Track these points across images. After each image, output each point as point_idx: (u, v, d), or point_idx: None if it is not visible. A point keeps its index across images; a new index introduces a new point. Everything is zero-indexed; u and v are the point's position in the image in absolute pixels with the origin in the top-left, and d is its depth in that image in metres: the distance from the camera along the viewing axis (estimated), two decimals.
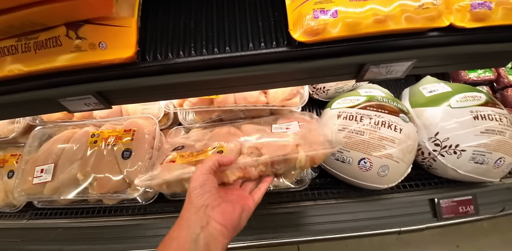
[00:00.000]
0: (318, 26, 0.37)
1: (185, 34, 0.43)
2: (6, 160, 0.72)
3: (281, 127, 0.55)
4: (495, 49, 0.43)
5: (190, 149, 0.53)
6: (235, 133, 0.57)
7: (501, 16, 0.39)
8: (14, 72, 0.43)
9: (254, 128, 0.59)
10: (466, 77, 0.78)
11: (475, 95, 0.56)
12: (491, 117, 0.53)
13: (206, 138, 0.58)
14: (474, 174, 0.54)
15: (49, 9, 0.38)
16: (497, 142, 0.51)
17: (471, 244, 1.19)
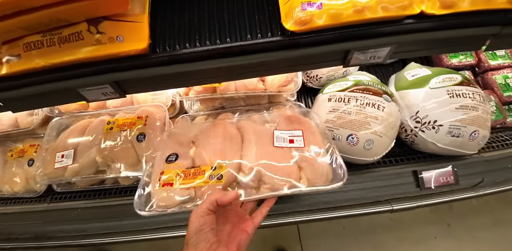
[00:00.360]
0: (305, 17, 0.43)
1: (190, 28, 0.49)
2: (25, 150, 0.78)
3: (284, 138, 0.52)
4: (465, 34, 0.49)
5: (185, 159, 0.50)
6: (231, 136, 0.54)
7: (468, 3, 0.45)
8: (40, 64, 0.48)
9: (254, 130, 0.55)
10: (449, 62, 0.84)
11: (452, 77, 0.63)
12: (465, 95, 0.59)
13: (201, 140, 0.54)
14: (452, 146, 0.61)
15: (74, 7, 0.43)
16: (471, 117, 0.58)
17: (461, 223, 1.26)
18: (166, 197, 0.44)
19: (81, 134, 0.66)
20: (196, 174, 0.46)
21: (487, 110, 0.59)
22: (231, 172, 0.46)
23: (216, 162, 0.47)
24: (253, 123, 0.58)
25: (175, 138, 0.56)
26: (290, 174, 0.45)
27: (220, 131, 0.55)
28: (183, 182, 0.45)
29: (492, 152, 0.71)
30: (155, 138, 0.62)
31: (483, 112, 0.58)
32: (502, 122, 0.79)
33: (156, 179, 0.47)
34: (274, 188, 0.45)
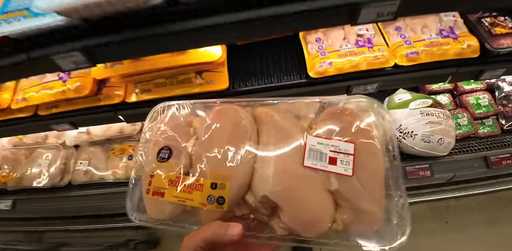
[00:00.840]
0: (322, 70, 0.74)
1: (248, 73, 0.83)
2: (125, 149, 1.13)
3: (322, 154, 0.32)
4: (430, 74, 0.79)
5: (180, 158, 0.36)
6: (243, 134, 0.35)
7: (427, 57, 0.75)
8: (164, 95, 0.83)
9: (277, 133, 0.35)
10: (430, 88, 1.11)
11: (425, 101, 0.90)
12: (433, 114, 0.86)
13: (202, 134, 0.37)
14: (426, 149, 0.87)
15: (191, 68, 0.78)
16: (436, 129, 0.84)
17: (458, 220, 1.44)
18: (158, 210, 0.35)
19: None
20: (193, 187, 0.34)
21: (449, 124, 0.86)
22: (237, 195, 0.33)
23: (218, 173, 0.33)
24: (279, 118, 0.36)
25: (173, 121, 0.40)
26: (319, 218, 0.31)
27: (227, 124, 0.36)
28: (176, 195, 0.34)
29: (462, 155, 0.95)
30: None
31: (446, 126, 0.85)
32: (474, 133, 1.03)
33: (146, 183, 0.36)
34: (292, 231, 0.32)
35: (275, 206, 0.32)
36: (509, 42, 0.75)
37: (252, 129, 0.36)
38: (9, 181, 1.21)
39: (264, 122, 0.36)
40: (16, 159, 1.25)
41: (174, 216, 0.36)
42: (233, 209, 0.34)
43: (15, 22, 0.45)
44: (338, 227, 0.31)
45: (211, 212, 0.33)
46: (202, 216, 0.34)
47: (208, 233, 0.29)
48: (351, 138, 0.32)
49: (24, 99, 0.89)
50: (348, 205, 0.31)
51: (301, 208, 0.31)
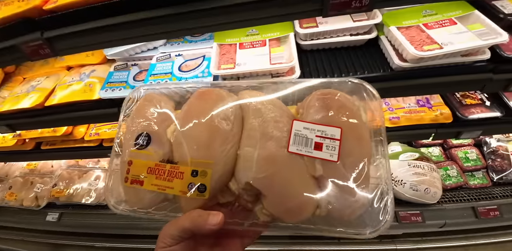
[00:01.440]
0: None
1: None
2: None
3: (308, 139, 0.31)
4: (412, 133, 0.98)
5: (159, 145, 0.35)
6: (225, 120, 0.34)
7: (406, 121, 0.95)
8: None
9: (260, 111, 0.34)
10: (422, 142, 1.28)
11: (413, 154, 1.07)
12: (418, 166, 1.02)
13: (181, 119, 0.35)
14: (415, 196, 1.01)
15: None
16: (422, 179, 1.00)
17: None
18: (137, 199, 0.34)
19: None
20: (173, 174, 0.33)
21: (434, 176, 1.01)
22: (219, 182, 0.32)
23: (199, 161, 0.32)
24: (265, 102, 0.35)
25: (152, 106, 0.38)
26: (303, 204, 0.30)
27: (208, 108, 0.34)
28: (155, 183, 0.33)
29: (451, 204, 1.06)
30: None
31: (430, 177, 1.00)
32: (463, 184, 1.15)
33: (124, 171, 0.35)
34: (274, 217, 0.32)
35: (259, 193, 0.32)
36: (478, 111, 0.95)
37: (236, 113, 0.35)
38: (61, 197, 1.45)
39: (249, 106, 0.35)
40: (70, 178, 1.52)
41: (154, 204, 0.34)
42: (217, 196, 0.34)
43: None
44: (321, 213, 0.30)
45: (192, 200, 0.32)
46: (183, 204, 0.33)
47: (187, 222, 0.29)
48: (339, 122, 0.31)
49: (97, 134, 1.18)
50: (334, 191, 0.29)
51: (285, 194, 0.30)
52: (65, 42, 0.59)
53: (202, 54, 0.70)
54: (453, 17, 0.66)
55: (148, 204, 0.34)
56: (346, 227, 0.30)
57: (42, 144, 1.24)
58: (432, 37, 0.61)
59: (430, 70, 0.64)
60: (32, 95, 0.88)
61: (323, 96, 0.33)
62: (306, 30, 0.65)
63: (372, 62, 0.70)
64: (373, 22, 0.65)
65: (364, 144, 0.31)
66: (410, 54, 0.58)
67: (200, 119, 0.34)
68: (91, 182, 1.43)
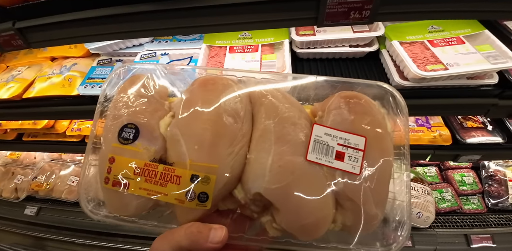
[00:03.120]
0: None
1: None
2: None
3: (329, 147, 0.27)
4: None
5: (150, 140, 0.28)
6: (235, 113, 0.28)
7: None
8: None
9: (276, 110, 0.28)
10: (419, 161, 1.23)
11: None
12: (412, 188, 0.97)
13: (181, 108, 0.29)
14: None
15: None
16: (415, 202, 0.94)
17: None
18: (120, 204, 0.28)
19: None
20: (167, 178, 0.27)
21: (427, 200, 0.96)
22: (223, 190, 0.27)
23: (199, 166, 0.26)
24: (280, 98, 0.30)
25: (141, 90, 0.30)
26: (320, 220, 0.26)
27: (213, 99, 0.28)
28: (144, 186, 0.27)
29: (443, 229, 1.01)
30: None
31: (424, 201, 0.95)
32: (457, 208, 1.10)
33: (104, 169, 0.28)
34: (286, 233, 0.27)
35: (268, 204, 0.27)
36: (479, 135, 0.90)
37: (247, 109, 0.29)
38: (40, 191, 1.40)
39: (261, 102, 0.29)
40: (51, 171, 1.47)
41: (141, 211, 0.28)
42: (217, 203, 0.28)
43: None
44: (335, 228, 0.28)
45: (190, 211, 0.26)
46: (179, 214, 0.27)
47: (183, 239, 0.23)
48: (363, 130, 0.27)
49: (79, 130, 1.13)
50: (351, 206, 0.26)
51: (301, 209, 0.26)
52: (38, 34, 0.54)
53: (190, 55, 0.65)
54: (461, 35, 0.62)
55: (134, 211, 0.28)
56: (360, 244, 0.27)
57: (24, 135, 1.19)
58: (437, 56, 0.57)
59: (431, 91, 0.59)
60: (11, 85, 0.83)
61: (348, 100, 0.29)
62: (303, 38, 0.60)
63: (371, 76, 0.65)
64: (375, 34, 0.61)
65: (388, 157, 0.27)
66: (411, 73, 0.54)
67: (204, 113, 0.27)
68: (72, 177, 1.37)
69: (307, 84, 0.32)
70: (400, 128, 0.30)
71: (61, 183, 1.38)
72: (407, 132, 0.29)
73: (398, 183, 0.29)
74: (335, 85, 0.32)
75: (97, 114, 0.31)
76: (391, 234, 0.28)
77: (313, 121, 0.29)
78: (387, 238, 0.28)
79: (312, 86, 0.32)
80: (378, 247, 0.28)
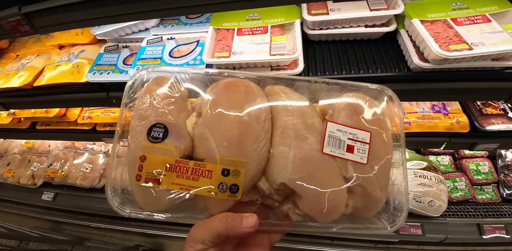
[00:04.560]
0: None
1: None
2: None
3: (341, 141, 0.31)
4: (423, 141, 0.90)
5: (179, 138, 0.31)
6: (257, 117, 0.31)
7: (416, 128, 0.87)
8: None
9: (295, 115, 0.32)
10: (432, 150, 1.19)
11: (420, 163, 0.99)
12: (425, 177, 0.95)
13: (206, 109, 0.32)
14: (417, 208, 0.94)
15: None
16: (427, 191, 0.92)
17: None
18: (153, 200, 0.30)
19: None
20: (198, 172, 0.29)
21: (440, 188, 0.93)
22: (251, 182, 0.31)
23: (230, 161, 0.29)
24: (296, 99, 0.34)
25: (166, 92, 0.33)
26: (335, 204, 0.30)
27: (237, 101, 0.31)
28: (177, 181, 0.29)
29: (455, 218, 0.99)
30: None
31: (437, 189, 0.93)
32: (470, 198, 1.07)
33: (135, 167, 0.29)
34: (308, 217, 0.31)
35: (290, 193, 0.31)
36: (499, 122, 0.85)
37: (266, 108, 0.33)
38: (56, 177, 1.46)
39: (280, 108, 0.33)
40: (66, 159, 1.52)
41: (173, 205, 0.30)
42: (245, 194, 0.31)
43: None
44: (347, 211, 0.32)
45: (222, 201, 0.30)
46: (211, 205, 0.30)
47: (220, 227, 0.27)
48: (368, 126, 0.32)
49: (90, 118, 1.14)
50: (360, 192, 0.31)
51: (321, 195, 0.29)
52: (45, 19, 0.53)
53: (197, 39, 0.63)
54: (487, 13, 0.57)
55: (167, 205, 0.30)
56: (369, 224, 0.33)
57: (38, 124, 1.22)
58: (461, 35, 0.52)
59: (452, 74, 0.56)
60: (21, 74, 0.84)
61: (354, 100, 0.34)
62: (315, 17, 0.57)
63: (387, 59, 0.62)
64: (393, 12, 0.56)
65: (388, 149, 0.33)
66: (433, 54, 0.50)
67: (230, 113, 0.31)
68: (85, 165, 1.42)
69: (315, 86, 0.37)
70: (397, 123, 0.35)
71: (76, 170, 1.43)
72: (403, 127, 0.35)
73: (396, 169, 0.33)
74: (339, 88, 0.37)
75: (120, 116, 0.33)
76: (392, 213, 0.32)
77: (325, 119, 0.34)
78: (389, 217, 0.32)
79: (320, 89, 0.37)
80: (382, 225, 0.32)
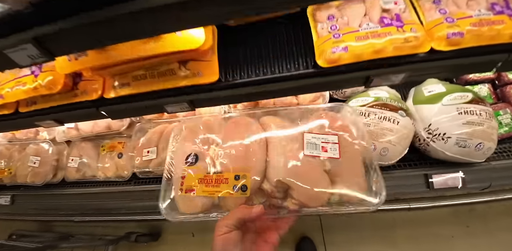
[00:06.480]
0: (334, 57, 0.58)
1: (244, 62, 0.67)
2: (114, 146, 1.05)
3: (316, 144, 0.46)
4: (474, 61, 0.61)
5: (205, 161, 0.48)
6: (255, 139, 0.49)
7: (473, 40, 0.57)
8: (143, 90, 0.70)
9: (281, 133, 0.49)
10: (468, 77, 0.92)
11: (463, 95, 0.73)
12: (473, 112, 0.69)
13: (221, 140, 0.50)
14: (460, 155, 0.72)
15: (171, 58, 0.64)
16: (476, 131, 0.68)
17: (481, 225, 1.31)
18: (191, 205, 0.44)
19: (159, 136, 0.89)
20: (219, 181, 0.44)
21: (492, 126, 0.69)
22: (256, 183, 0.43)
23: (239, 168, 0.44)
24: (280, 122, 0.52)
25: (193, 133, 0.53)
26: (320, 192, 0.41)
27: (242, 131, 0.50)
28: (205, 189, 0.43)
29: (501, 161, 0.79)
30: None
31: (488, 127, 0.68)
32: None
33: (178, 184, 0.45)
34: (302, 204, 0.41)
35: (287, 189, 0.43)
36: None
37: (261, 132, 0.50)
38: (4, 177, 1.17)
39: (271, 129, 0.50)
40: (10, 155, 1.21)
41: (205, 208, 0.44)
42: (252, 197, 0.45)
43: None
44: (335, 198, 0.42)
45: (237, 199, 0.43)
46: (230, 202, 0.44)
47: (239, 213, 0.38)
48: (335, 131, 0.47)
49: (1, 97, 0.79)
50: (340, 180, 0.43)
51: (307, 185, 0.41)
52: None
53: None
54: None
55: (201, 207, 0.45)
56: (355, 206, 0.43)
57: None
58: None
59: None
60: None
61: (320, 115, 0.52)
62: None
63: None
64: None
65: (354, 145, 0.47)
66: None
67: (237, 140, 0.49)
68: (32, 158, 1.12)
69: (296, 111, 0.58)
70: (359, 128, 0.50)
71: (22, 165, 1.14)
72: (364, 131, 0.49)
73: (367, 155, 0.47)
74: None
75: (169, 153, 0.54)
76: (373, 195, 0.43)
77: (304, 131, 0.50)
78: (372, 197, 0.43)
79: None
80: (369, 205, 0.43)
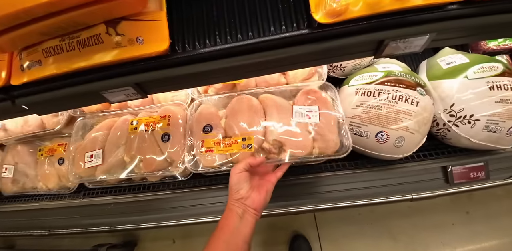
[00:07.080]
0: (340, 7, 0.38)
1: (208, 23, 0.45)
2: (54, 149, 0.81)
3: (302, 113, 0.62)
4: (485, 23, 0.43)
5: (218, 130, 0.63)
6: (256, 110, 0.64)
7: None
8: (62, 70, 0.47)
9: (275, 104, 0.64)
10: (486, 46, 0.77)
11: (493, 66, 0.57)
12: (507, 87, 0.54)
13: (229, 113, 0.65)
14: (487, 142, 0.58)
15: (92, 10, 0.41)
16: (510, 111, 0.54)
17: (481, 210, 1.25)
18: (210, 160, 0.60)
19: (106, 134, 0.67)
20: (230, 143, 0.61)
21: None
22: (258, 142, 0.60)
23: (245, 133, 0.61)
24: (274, 97, 0.65)
25: (206, 111, 0.66)
26: (306, 146, 0.59)
27: (244, 105, 0.64)
28: (221, 149, 0.60)
29: None
30: (179, 137, 0.63)
31: None
32: None
33: (199, 146, 0.62)
34: (292, 154, 0.59)
35: (281, 146, 0.61)
36: None
37: (260, 107, 0.65)
38: None
39: (266, 103, 0.66)
40: None
41: (221, 163, 0.60)
42: (255, 154, 0.61)
43: None
44: (316, 151, 0.60)
45: (245, 153, 0.60)
46: (240, 157, 0.60)
47: (248, 160, 0.52)
48: (316, 103, 0.63)
49: None
50: (320, 137, 0.60)
51: (296, 141, 0.59)
52: None
53: None
54: None
55: (218, 162, 0.61)
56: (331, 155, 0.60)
57: None
58: None
59: None
60: None
61: (305, 91, 0.66)
62: None
63: None
64: None
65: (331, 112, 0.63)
66: None
67: (242, 112, 0.64)
68: None
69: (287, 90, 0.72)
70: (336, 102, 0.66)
71: None
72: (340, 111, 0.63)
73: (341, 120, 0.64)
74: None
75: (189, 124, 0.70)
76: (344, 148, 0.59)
77: (293, 105, 0.66)
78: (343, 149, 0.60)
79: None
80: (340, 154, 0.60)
